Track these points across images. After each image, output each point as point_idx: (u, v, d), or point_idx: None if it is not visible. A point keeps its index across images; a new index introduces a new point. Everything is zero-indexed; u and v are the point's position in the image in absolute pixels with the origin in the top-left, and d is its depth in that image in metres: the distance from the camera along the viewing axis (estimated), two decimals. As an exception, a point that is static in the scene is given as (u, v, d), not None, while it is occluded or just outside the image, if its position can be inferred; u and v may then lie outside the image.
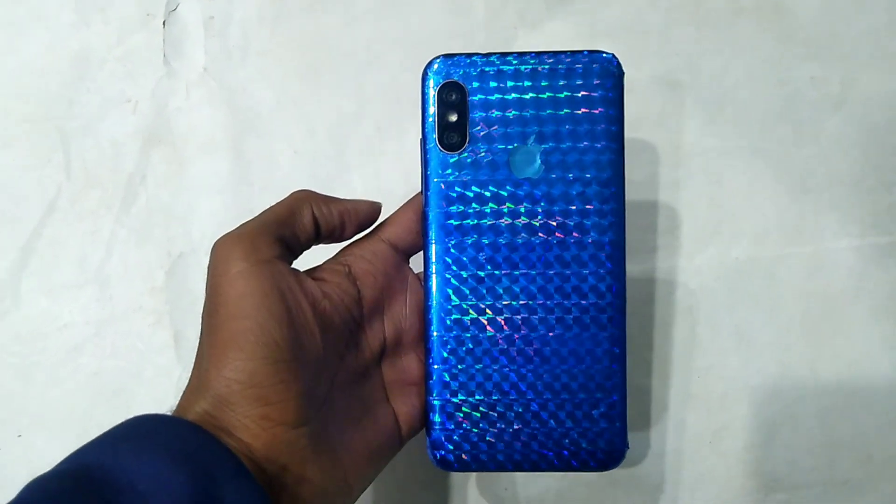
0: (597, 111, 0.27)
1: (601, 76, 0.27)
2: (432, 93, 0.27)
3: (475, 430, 0.28)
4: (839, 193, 0.38)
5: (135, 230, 0.38)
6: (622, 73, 0.27)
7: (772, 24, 0.39)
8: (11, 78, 0.39)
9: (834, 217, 0.38)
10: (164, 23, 0.39)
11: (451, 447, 0.28)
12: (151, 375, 0.37)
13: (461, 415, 0.28)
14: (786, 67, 0.39)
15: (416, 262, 0.30)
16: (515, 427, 0.28)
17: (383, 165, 0.39)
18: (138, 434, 0.22)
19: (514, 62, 0.27)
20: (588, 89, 0.27)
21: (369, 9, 0.40)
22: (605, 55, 0.27)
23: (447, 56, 0.28)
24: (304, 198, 0.27)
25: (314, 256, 0.28)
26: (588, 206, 0.27)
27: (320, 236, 0.28)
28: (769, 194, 0.38)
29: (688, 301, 0.38)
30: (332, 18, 0.40)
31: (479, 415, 0.28)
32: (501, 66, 0.27)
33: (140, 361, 0.37)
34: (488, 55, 0.27)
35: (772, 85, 0.39)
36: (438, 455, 0.28)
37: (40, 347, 0.37)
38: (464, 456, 0.28)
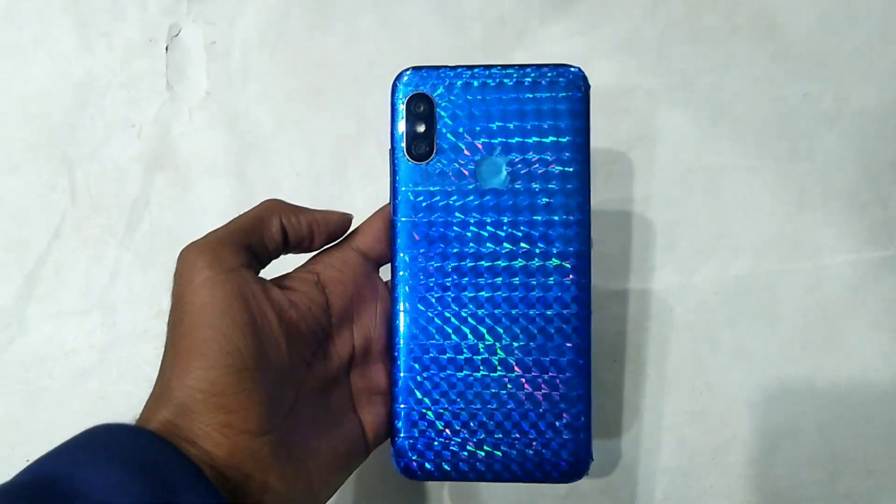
0: (563, 123, 0.28)
1: (567, 89, 0.28)
2: (401, 104, 0.28)
3: (439, 439, 0.28)
4: (835, 209, 0.38)
5: (139, 255, 0.38)
6: (588, 87, 0.28)
7: (766, 41, 0.40)
8: (16, 104, 0.40)
9: (831, 232, 0.38)
10: (166, 48, 0.40)
11: (414, 456, 0.28)
12: (157, 398, 0.38)
13: (425, 423, 0.28)
14: (780, 84, 0.39)
15: (386, 272, 0.30)
16: (479, 437, 0.28)
17: (385, 186, 0.39)
18: (97, 444, 0.22)
19: (482, 75, 0.28)
20: (554, 102, 0.28)
21: (369, 30, 0.40)
22: (571, 69, 0.28)
23: (416, 68, 0.28)
24: (273, 207, 0.27)
25: (285, 265, 0.28)
26: (553, 217, 0.28)
27: (289, 246, 0.28)
28: (767, 210, 0.38)
29: (687, 317, 0.38)
30: (332, 40, 0.40)
31: (443, 423, 0.28)
32: (469, 79, 0.28)
33: (146, 386, 0.37)
34: (456, 67, 0.28)
35: (767, 101, 0.39)
36: (402, 463, 0.28)
37: (47, 373, 0.38)
38: (427, 464, 0.28)
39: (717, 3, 0.40)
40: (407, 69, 0.28)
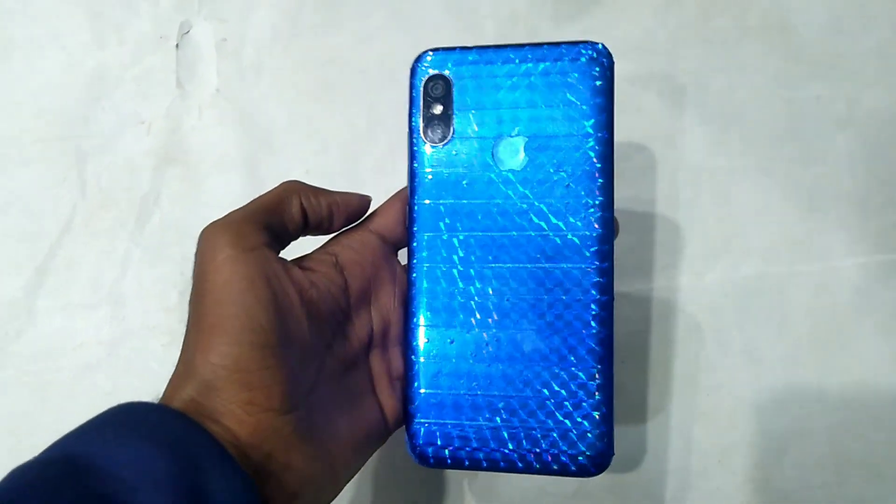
0: (584, 101, 0.27)
1: (589, 66, 0.27)
2: (419, 86, 0.28)
3: (454, 426, 0.27)
4: (846, 211, 0.38)
5: (149, 249, 0.39)
6: (612, 63, 0.27)
7: (778, 43, 0.39)
8: (28, 97, 0.40)
9: (841, 235, 0.38)
10: (177, 45, 0.40)
11: (429, 442, 0.27)
12: (165, 393, 0.38)
13: (440, 410, 0.27)
14: (792, 86, 0.39)
15: (403, 255, 0.30)
16: (495, 425, 0.27)
17: (396, 183, 0.39)
18: (122, 422, 0.22)
19: (501, 54, 0.27)
20: (575, 80, 0.27)
21: (381, 27, 0.40)
22: (593, 45, 0.27)
23: (435, 50, 0.28)
24: (293, 188, 0.27)
25: (303, 247, 0.28)
26: (574, 200, 0.27)
27: (308, 227, 0.27)
28: (777, 212, 0.38)
29: (696, 319, 0.38)
30: (343, 37, 0.40)
31: (458, 410, 0.27)
32: (487, 59, 0.27)
33: (154, 380, 0.37)
34: (474, 48, 0.27)
35: (778, 103, 0.39)
36: (417, 449, 0.27)
37: (56, 366, 0.38)
38: (441, 452, 0.27)
39: (730, 4, 0.40)
40: (426, 51, 0.28)
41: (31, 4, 0.40)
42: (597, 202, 0.27)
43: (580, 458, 0.26)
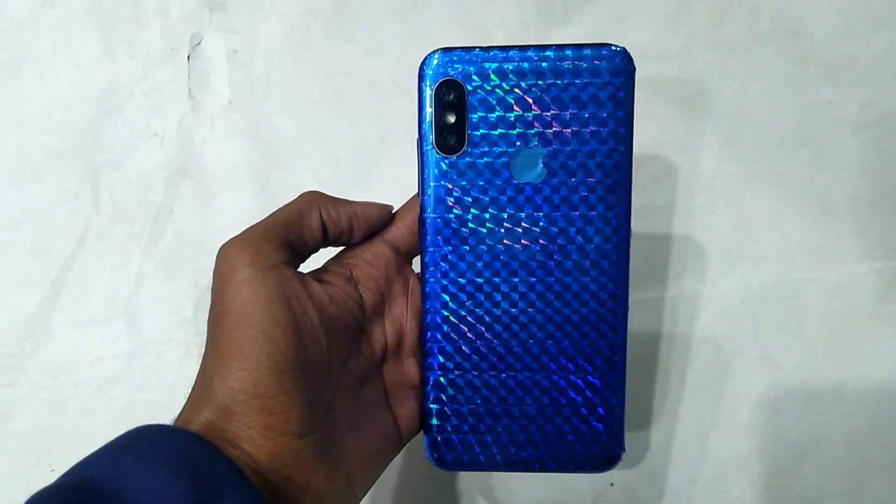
0: (604, 111, 0.26)
1: (609, 73, 0.25)
2: (429, 91, 0.26)
3: (472, 433, 0.27)
4: (860, 216, 0.38)
5: (163, 263, 0.39)
6: (633, 69, 0.26)
7: (789, 47, 0.39)
8: (40, 112, 0.40)
9: (856, 240, 0.38)
10: (188, 57, 0.40)
11: (447, 448, 0.27)
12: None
13: (458, 417, 0.27)
14: (804, 91, 0.39)
15: (417, 265, 0.29)
16: (512, 429, 0.27)
17: (408, 194, 0.39)
18: (140, 446, 0.22)
19: (517, 58, 0.25)
20: (595, 87, 0.25)
21: (391, 38, 0.40)
22: (614, 48, 0.25)
23: (445, 50, 0.26)
24: (312, 200, 0.27)
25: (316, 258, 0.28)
26: (592, 212, 0.26)
27: (328, 240, 0.27)
28: (791, 218, 0.38)
29: (712, 325, 0.38)
30: (354, 48, 0.40)
31: (475, 417, 0.27)
32: (503, 63, 0.25)
33: (170, 394, 0.38)
34: (489, 49, 0.26)
35: (791, 108, 0.39)
36: (435, 455, 0.28)
37: (72, 381, 0.38)
38: (460, 456, 0.27)
39: (741, 9, 0.40)
40: (435, 51, 0.26)
41: (41, 20, 0.40)
42: (615, 214, 0.26)
43: (595, 457, 0.27)
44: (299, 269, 0.26)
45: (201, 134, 0.40)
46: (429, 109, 0.26)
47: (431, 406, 0.27)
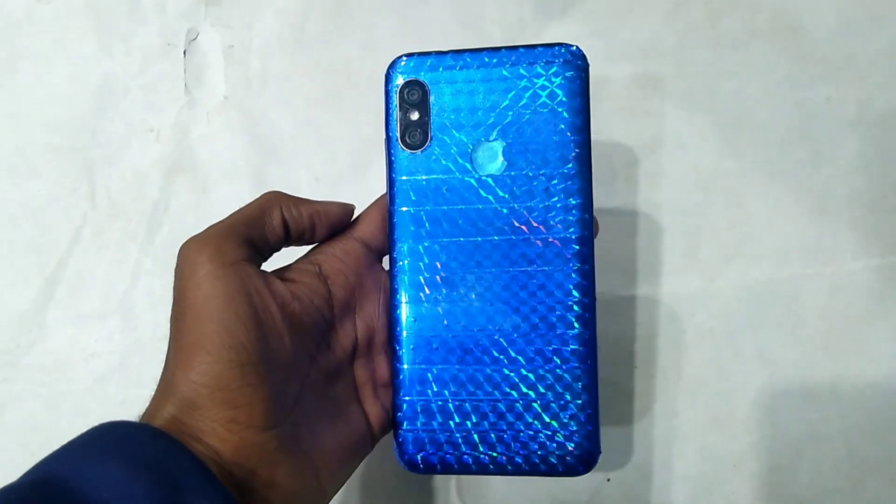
0: (559, 104, 0.27)
1: (563, 68, 0.27)
2: (394, 92, 0.28)
3: (442, 432, 0.27)
4: (858, 214, 0.38)
5: (159, 259, 0.38)
6: (587, 65, 0.27)
7: (787, 44, 0.39)
8: (36, 109, 0.40)
9: (854, 237, 0.38)
10: (184, 52, 0.40)
11: (417, 448, 0.27)
12: (176, 403, 0.38)
13: (427, 415, 0.27)
14: (802, 88, 0.39)
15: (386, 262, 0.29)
16: (483, 429, 0.27)
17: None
18: (103, 442, 0.22)
19: (475, 58, 0.27)
20: (549, 82, 0.27)
21: (388, 34, 0.40)
22: (567, 47, 0.27)
23: (409, 55, 0.28)
24: (273, 199, 0.27)
25: (286, 256, 0.28)
26: (552, 202, 0.27)
27: (290, 238, 0.27)
28: (789, 215, 0.38)
29: (709, 323, 0.38)
30: (351, 44, 0.40)
31: (445, 415, 0.27)
32: (462, 63, 0.27)
33: (166, 390, 0.38)
34: (448, 52, 0.27)
35: (789, 105, 0.39)
36: (405, 456, 0.28)
37: (67, 377, 0.38)
38: (430, 458, 0.27)
39: (738, 6, 0.39)
40: (400, 56, 0.28)
41: (36, 16, 0.40)
42: (576, 204, 0.27)
43: (568, 458, 0.27)
44: (263, 268, 0.26)
45: (197, 129, 0.39)
46: (395, 108, 0.28)
47: (400, 402, 0.27)
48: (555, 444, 0.27)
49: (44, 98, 0.40)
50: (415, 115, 0.27)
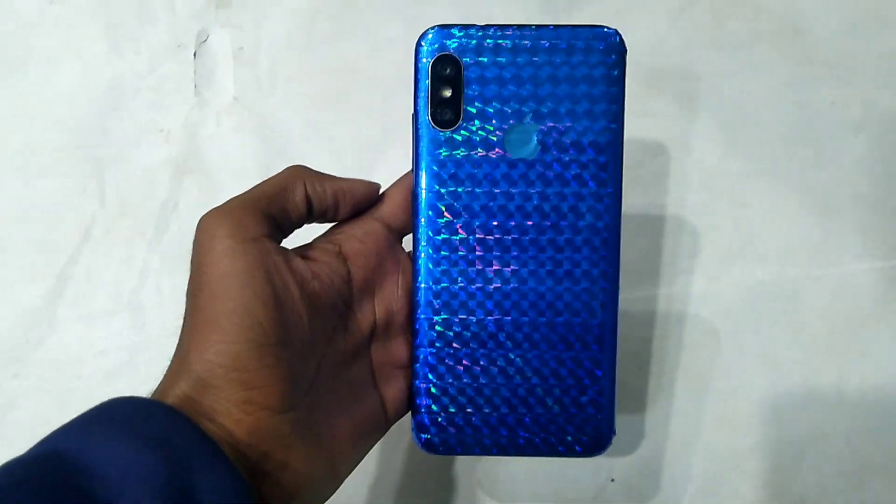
0: (597, 90, 0.26)
1: (603, 53, 0.26)
2: (426, 66, 0.26)
3: (461, 414, 0.27)
4: (862, 215, 0.38)
5: (167, 257, 0.39)
6: (625, 50, 0.26)
7: (791, 46, 0.39)
8: (46, 108, 0.40)
9: (857, 238, 0.38)
10: (194, 53, 0.40)
11: (436, 430, 0.27)
12: (184, 400, 0.38)
13: (447, 398, 0.27)
14: (806, 89, 0.39)
15: (408, 243, 0.29)
16: (502, 411, 0.27)
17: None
18: (112, 418, 0.21)
19: (513, 35, 0.26)
20: (588, 66, 0.26)
21: (395, 36, 0.40)
22: (607, 30, 0.26)
23: (442, 27, 0.26)
24: (297, 174, 0.26)
25: (306, 233, 0.28)
26: (584, 189, 0.27)
27: (313, 215, 0.26)
28: (792, 216, 0.38)
29: (713, 323, 0.38)
30: (359, 45, 0.40)
31: (465, 398, 0.27)
32: (499, 40, 0.26)
33: (174, 387, 0.38)
34: (486, 27, 0.26)
35: (792, 107, 0.39)
36: (423, 438, 0.27)
37: (77, 374, 0.38)
38: (449, 439, 0.27)
39: (742, 8, 0.40)
40: (433, 27, 0.26)
41: (47, 16, 0.41)
42: (607, 192, 0.27)
43: (585, 439, 0.27)
44: (283, 245, 0.25)
45: (207, 130, 0.40)
46: (425, 84, 0.26)
47: (420, 384, 0.27)
48: (572, 427, 0.27)
49: (54, 98, 0.40)
50: (446, 92, 0.26)
